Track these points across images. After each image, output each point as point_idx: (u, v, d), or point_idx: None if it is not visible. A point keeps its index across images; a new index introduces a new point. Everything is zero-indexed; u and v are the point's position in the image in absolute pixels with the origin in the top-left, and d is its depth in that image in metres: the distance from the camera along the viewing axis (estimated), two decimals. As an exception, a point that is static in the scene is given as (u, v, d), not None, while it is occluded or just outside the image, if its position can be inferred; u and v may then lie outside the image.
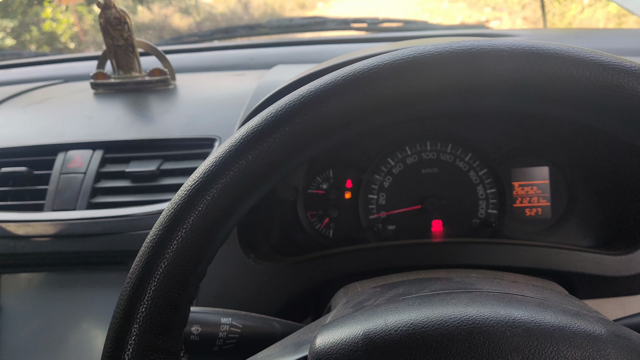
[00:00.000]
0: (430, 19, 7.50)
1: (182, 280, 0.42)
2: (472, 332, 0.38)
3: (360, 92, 0.41)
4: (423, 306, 0.43)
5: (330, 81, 0.41)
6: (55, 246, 0.84)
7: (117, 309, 0.42)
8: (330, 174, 0.96)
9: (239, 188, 0.42)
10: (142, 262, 0.42)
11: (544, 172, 0.92)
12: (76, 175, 0.88)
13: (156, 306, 0.41)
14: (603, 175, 0.87)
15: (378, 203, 0.95)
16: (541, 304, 0.43)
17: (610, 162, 0.85)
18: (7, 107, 1.09)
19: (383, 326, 0.41)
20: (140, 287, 0.41)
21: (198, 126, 0.93)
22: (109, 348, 0.42)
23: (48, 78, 1.34)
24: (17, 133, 0.98)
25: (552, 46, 0.39)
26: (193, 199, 0.41)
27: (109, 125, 0.97)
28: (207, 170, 0.42)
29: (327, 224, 0.96)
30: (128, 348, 0.41)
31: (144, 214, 0.83)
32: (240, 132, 0.42)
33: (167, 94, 1.08)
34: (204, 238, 0.42)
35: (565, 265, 0.79)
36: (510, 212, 0.93)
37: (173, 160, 0.90)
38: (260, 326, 0.63)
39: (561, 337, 0.38)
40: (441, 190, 0.94)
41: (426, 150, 0.94)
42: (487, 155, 0.93)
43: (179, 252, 0.41)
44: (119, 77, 1.10)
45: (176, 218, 0.41)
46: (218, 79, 1.20)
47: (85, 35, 5.56)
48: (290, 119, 0.41)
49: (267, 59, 1.32)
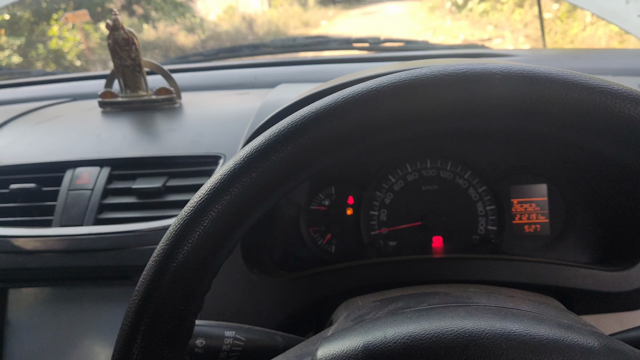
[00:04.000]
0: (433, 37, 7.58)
1: (187, 292, 0.44)
2: (468, 344, 0.40)
3: (359, 114, 0.43)
4: (421, 319, 0.44)
5: (331, 102, 0.43)
6: (63, 261, 0.85)
7: (125, 320, 0.44)
8: (332, 191, 0.98)
9: (243, 204, 0.43)
10: (150, 274, 0.43)
11: (542, 190, 0.93)
12: (84, 191, 0.91)
13: (162, 317, 0.43)
14: (601, 193, 0.89)
15: (379, 219, 0.97)
16: (536, 318, 0.44)
17: (608, 180, 0.87)
18: (16, 124, 1.12)
19: (382, 338, 0.42)
20: (147, 299, 0.43)
21: (203, 144, 0.95)
22: (116, 357, 0.43)
23: (56, 96, 1.36)
24: (26, 150, 1.00)
25: (542, 70, 0.41)
26: (199, 214, 0.43)
27: (116, 143, 0.99)
28: (213, 187, 0.44)
29: (329, 239, 0.98)
30: (133, 358, 0.43)
31: (150, 230, 0.85)
32: (245, 150, 0.44)
33: (173, 112, 1.10)
34: (209, 252, 0.44)
35: (564, 281, 0.81)
36: (509, 229, 0.94)
37: (178, 177, 0.92)
38: (263, 339, 0.64)
39: (555, 350, 0.39)
40: (441, 207, 0.95)
41: (426, 167, 0.96)
42: (486, 173, 0.94)
43: (184, 266, 0.43)
44: (126, 95, 1.12)
45: (182, 232, 0.43)
46: (223, 98, 1.22)
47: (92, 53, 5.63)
48: (293, 138, 0.43)
49: (271, 78, 1.35)
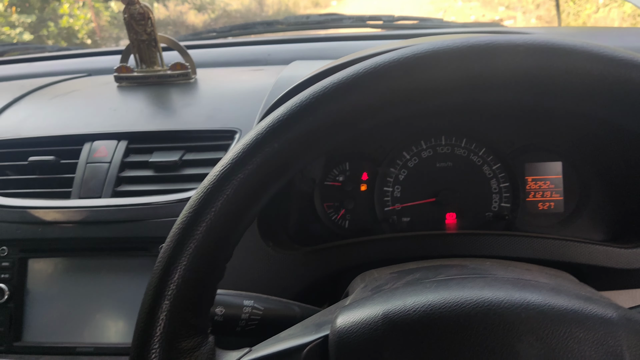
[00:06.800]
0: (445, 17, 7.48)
1: (211, 259, 0.45)
2: (487, 313, 0.40)
3: (382, 85, 0.43)
4: (440, 289, 0.45)
5: (353, 73, 0.44)
6: (82, 232, 0.87)
7: (149, 287, 0.45)
8: (347, 167, 0.98)
9: (266, 173, 0.44)
10: (174, 242, 0.44)
11: (557, 167, 0.93)
12: (102, 164, 0.92)
13: (186, 284, 0.44)
14: (616, 171, 0.89)
15: (393, 195, 0.97)
16: (554, 289, 0.44)
17: (623, 158, 0.87)
18: (33, 98, 1.13)
19: (402, 307, 0.43)
20: (172, 266, 0.44)
21: (219, 119, 0.96)
22: (141, 322, 0.44)
23: (71, 71, 1.37)
24: (43, 124, 1.01)
25: (566, 42, 0.41)
26: (222, 183, 0.44)
27: (132, 116, 1.00)
28: (235, 156, 0.44)
29: (343, 215, 0.98)
30: (159, 323, 0.44)
31: (167, 202, 0.86)
32: (267, 121, 0.45)
33: (188, 87, 1.11)
34: (231, 220, 0.44)
35: (577, 257, 0.81)
36: (523, 206, 0.94)
37: (195, 152, 0.93)
38: (281, 309, 0.65)
39: (574, 320, 0.39)
40: (455, 184, 0.96)
41: (441, 144, 0.96)
42: (501, 150, 0.94)
43: (208, 233, 0.44)
44: (142, 70, 1.13)
45: (205, 201, 0.44)
46: (237, 74, 1.22)
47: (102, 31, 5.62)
48: (315, 109, 0.44)
49: (284, 55, 1.34)
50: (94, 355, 0.85)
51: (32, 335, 0.88)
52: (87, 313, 0.88)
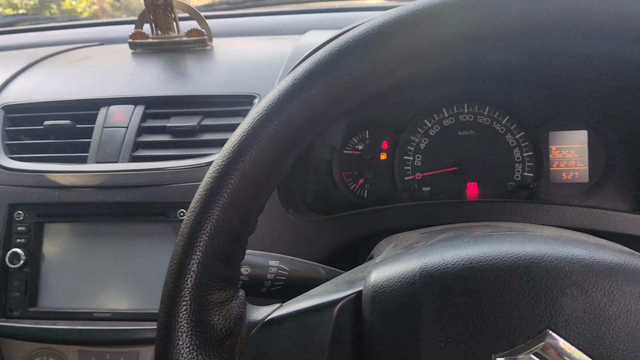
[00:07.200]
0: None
1: (243, 210, 0.43)
2: (530, 266, 0.39)
3: (426, 28, 0.41)
4: (479, 244, 0.43)
5: (396, 16, 0.42)
6: (99, 196, 0.86)
7: (180, 237, 0.43)
8: (367, 135, 0.97)
9: (306, 117, 0.42)
10: (206, 190, 0.43)
11: (582, 136, 0.91)
12: (118, 129, 0.90)
13: (219, 234, 0.42)
14: None
15: (414, 164, 0.95)
16: (597, 244, 0.43)
17: None
18: (47, 64, 1.11)
19: (440, 260, 0.42)
20: (204, 215, 0.42)
21: (237, 84, 0.94)
22: (171, 274, 0.43)
23: (84, 41, 1.35)
24: (59, 88, 0.99)
25: None
26: (257, 130, 0.42)
27: (149, 82, 0.98)
28: (271, 103, 0.43)
29: (362, 184, 0.97)
30: (190, 274, 0.42)
31: (186, 167, 0.85)
32: (304, 65, 0.43)
33: (205, 54, 1.09)
34: (265, 169, 0.43)
35: (605, 225, 0.80)
36: (547, 176, 0.93)
37: (213, 117, 0.91)
38: (306, 271, 0.64)
39: (620, 273, 0.38)
40: (477, 153, 0.94)
41: (463, 112, 0.94)
42: (524, 119, 0.92)
43: (242, 182, 0.42)
44: (157, 37, 1.11)
45: (240, 148, 0.42)
46: (253, 42, 1.20)
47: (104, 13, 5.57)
48: (355, 53, 0.41)
49: (299, 25, 1.32)
50: (111, 321, 0.85)
51: (48, 301, 0.88)
52: (104, 279, 0.87)
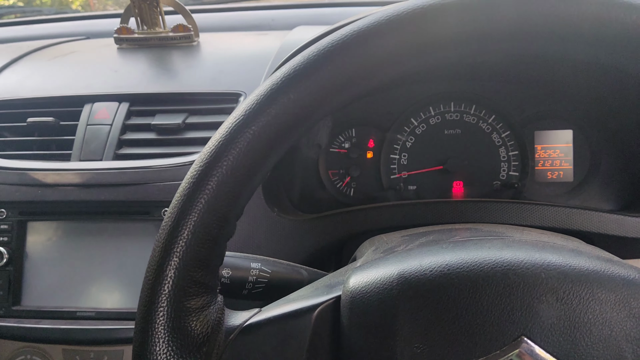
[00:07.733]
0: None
1: (221, 215, 0.43)
2: (507, 273, 0.39)
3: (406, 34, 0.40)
4: (457, 250, 0.43)
5: (374, 21, 0.41)
6: (83, 195, 0.85)
7: (157, 243, 0.43)
8: (353, 133, 0.96)
9: (280, 125, 0.42)
10: (183, 196, 0.42)
11: (567, 136, 0.92)
12: (102, 126, 0.89)
13: (196, 240, 0.42)
14: (627, 139, 0.87)
15: (400, 163, 0.95)
16: (574, 250, 0.43)
17: (635, 126, 0.85)
18: (32, 59, 1.10)
19: (418, 267, 0.41)
20: (181, 221, 0.42)
21: (223, 81, 0.94)
22: (149, 279, 0.43)
23: (70, 34, 1.34)
24: (42, 84, 0.98)
25: None
26: (234, 135, 0.42)
27: (134, 78, 0.97)
28: (249, 107, 0.42)
29: (348, 182, 0.97)
30: (167, 280, 0.42)
31: (170, 166, 0.84)
32: (282, 70, 0.43)
33: (191, 50, 1.08)
34: (243, 174, 0.42)
35: (587, 225, 0.80)
36: (532, 175, 0.93)
37: (198, 115, 0.90)
38: (289, 272, 0.64)
39: (596, 280, 0.38)
40: (463, 152, 0.94)
41: (450, 111, 0.94)
42: (510, 118, 0.92)
43: (219, 187, 0.42)
44: (143, 32, 1.10)
45: (217, 153, 0.42)
46: (241, 38, 1.20)
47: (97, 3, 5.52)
48: (334, 57, 0.41)
49: (288, 20, 1.32)
50: (94, 320, 0.84)
51: (32, 300, 0.87)
52: (88, 278, 0.86)
